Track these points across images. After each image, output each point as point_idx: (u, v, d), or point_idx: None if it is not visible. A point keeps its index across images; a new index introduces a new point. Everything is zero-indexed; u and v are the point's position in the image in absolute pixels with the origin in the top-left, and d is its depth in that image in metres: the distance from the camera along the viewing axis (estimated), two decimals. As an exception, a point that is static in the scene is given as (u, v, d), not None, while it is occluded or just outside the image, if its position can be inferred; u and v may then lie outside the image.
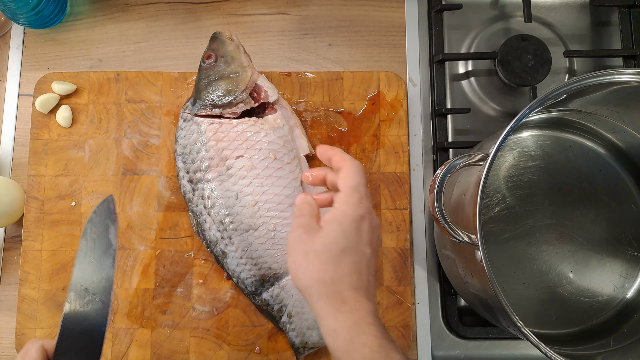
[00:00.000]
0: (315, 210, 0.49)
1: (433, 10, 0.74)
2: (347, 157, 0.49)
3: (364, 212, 0.47)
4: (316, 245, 0.46)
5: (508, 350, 0.67)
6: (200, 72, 0.65)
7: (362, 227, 0.47)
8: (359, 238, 0.46)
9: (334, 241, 0.45)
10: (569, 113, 0.64)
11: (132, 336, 0.65)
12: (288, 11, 0.75)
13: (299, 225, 0.47)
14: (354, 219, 0.46)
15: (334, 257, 0.45)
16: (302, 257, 0.46)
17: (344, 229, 0.46)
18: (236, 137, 0.62)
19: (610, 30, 0.75)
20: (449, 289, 0.68)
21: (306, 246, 0.46)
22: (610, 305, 0.64)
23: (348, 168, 0.48)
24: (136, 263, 0.66)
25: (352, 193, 0.47)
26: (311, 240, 0.46)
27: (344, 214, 0.46)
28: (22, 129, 0.71)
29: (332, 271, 0.45)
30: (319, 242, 0.46)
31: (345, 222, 0.46)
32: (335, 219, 0.47)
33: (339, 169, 0.49)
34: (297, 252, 0.46)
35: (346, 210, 0.46)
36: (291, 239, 0.47)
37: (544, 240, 0.64)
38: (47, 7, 0.69)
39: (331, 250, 0.45)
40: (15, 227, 0.69)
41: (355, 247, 0.46)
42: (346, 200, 0.47)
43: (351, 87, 0.70)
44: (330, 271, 0.45)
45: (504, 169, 0.65)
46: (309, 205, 0.49)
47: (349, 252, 0.46)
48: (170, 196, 0.68)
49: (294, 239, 0.47)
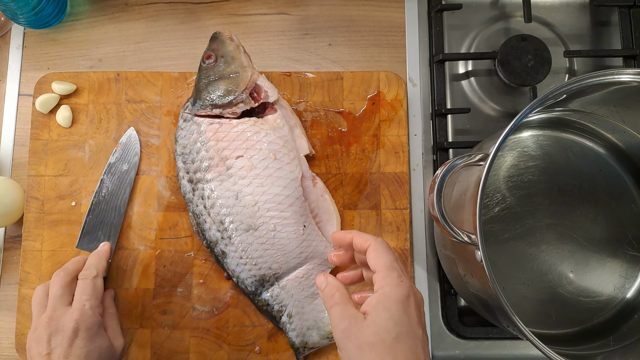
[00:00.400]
0: (346, 293, 0.47)
1: (433, 10, 0.74)
2: (369, 236, 0.48)
3: (407, 290, 0.45)
4: (367, 336, 0.43)
5: (508, 350, 0.67)
6: (200, 72, 0.65)
7: (409, 307, 0.44)
8: (409, 320, 0.44)
9: (385, 329, 0.43)
10: (569, 113, 0.64)
11: (132, 336, 0.65)
12: (288, 11, 0.75)
13: (341, 317, 0.45)
14: (400, 300, 0.44)
15: (389, 347, 0.43)
16: (356, 351, 0.43)
17: (392, 314, 0.44)
18: (236, 137, 0.62)
19: (610, 30, 0.75)
20: (449, 289, 0.68)
21: (357, 339, 0.43)
22: (610, 305, 0.64)
23: (376, 247, 0.47)
24: (136, 263, 0.66)
25: (389, 272, 0.45)
26: (360, 332, 0.44)
27: (388, 298, 0.44)
28: (22, 129, 0.71)
29: None
30: (369, 333, 0.43)
31: (392, 306, 0.44)
32: (380, 304, 0.44)
33: (364, 250, 0.47)
34: (350, 347, 0.44)
35: (389, 293, 0.44)
36: (338, 332, 0.45)
37: (544, 240, 0.64)
38: (47, 7, 0.69)
39: (385, 340, 0.43)
40: (15, 227, 0.69)
41: (408, 331, 0.44)
42: (385, 281, 0.45)
43: (351, 87, 0.70)
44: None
45: (504, 169, 0.65)
46: (337, 289, 0.47)
47: (403, 338, 0.43)
48: (170, 196, 0.68)
49: (342, 332, 0.44)
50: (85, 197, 0.67)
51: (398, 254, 0.67)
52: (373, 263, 0.46)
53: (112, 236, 0.66)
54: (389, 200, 0.68)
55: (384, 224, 0.67)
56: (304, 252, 0.62)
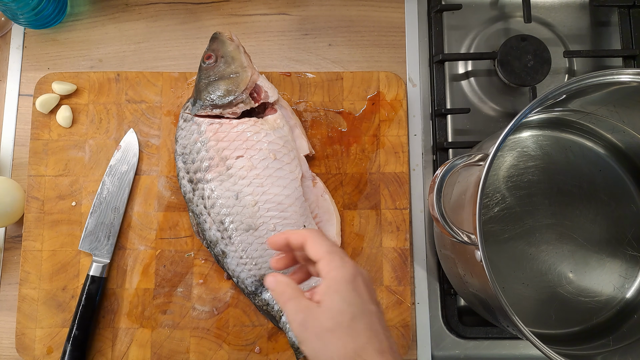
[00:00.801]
0: (298, 288, 0.47)
1: (433, 10, 0.74)
2: (302, 230, 0.48)
3: (353, 270, 0.45)
4: (324, 323, 0.43)
5: (508, 350, 0.67)
6: (201, 73, 0.65)
7: (358, 286, 0.45)
8: (361, 299, 0.44)
9: (339, 312, 0.43)
10: (568, 113, 0.64)
11: (132, 336, 0.65)
12: (288, 11, 0.75)
13: (296, 310, 0.45)
14: (348, 280, 0.44)
15: (347, 328, 0.43)
16: (317, 340, 0.43)
17: (344, 295, 0.44)
18: (236, 137, 0.62)
19: (610, 30, 0.75)
20: (448, 288, 0.68)
21: (315, 328, 0.43)
22: (609, 305, 0.64)
23: (312, 238, 0.47)
24: (136, 263, 0.66)
25: (331, 257, 0.45)
26: (317, 321, 0.44)
27: (336, 281, 0.44)
28: (23, 129, 0.71)
29: (352, 343, 0.42)
30: (326, 319, 0.43)
31: (341, 288, 0.44)
32: (330, 288, 0.44)
33: (302, 243, 0.48)
34: (310, 338, 0.44)
35: (336, 276, 0.44)
36: (296, 326, 0.45)
37: (544, 240, 0.64)
38: (47, 8, 0.69)
39: (342, 323, 0.43)
40: (15, 227, 0.69)
41: (362, 309, 0.44)
42: (330, 266, 0.45)
43: (351, 87, 0.70)
44: (350, 343, 0.42)
45: (503, 169, 0.66)
46: (287, 285, 0.47)
47: (359, 317, 0.43)
48: (170, 196, 0.68)
49: (299, 325, 0.44)
50: (86, 197, 0.68)
51: (398, 254, 0.67)
52: (313, 253, 0.46)
53: (111, 236, 0.66)
54: (388, 200, 0.68)
55: (383, 224, 0.68)
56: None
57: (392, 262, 0.67)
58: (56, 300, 0.66)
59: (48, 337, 0.65)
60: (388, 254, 0.67)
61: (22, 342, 0.65)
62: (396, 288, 0.66)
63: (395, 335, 0.65)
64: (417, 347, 0.67)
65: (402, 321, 0.66)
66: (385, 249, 0.67)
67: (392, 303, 0.66)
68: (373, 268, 0.67)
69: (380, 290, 0.66)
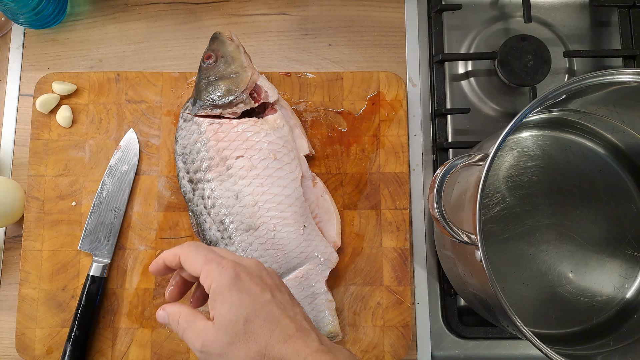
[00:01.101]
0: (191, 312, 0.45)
1: (433, 10, 0.74)
2: (174, 248, 0.46)
3: (232, 270, 0.43)
4: (222, 339, 0.41)
5: (508, 350, 0.67)
6: (201, 73, 0.65)
7: (244, 284, 0.43)
8: (250, 295, 0.43)
9: (232, 322, 0.41)
10: (568, 113, 0.64)
11: (133, 336, 0.65)
12: (288, 11, 0.75)
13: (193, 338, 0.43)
14: (230, 284, 0.42)
15: (245, 334, 0.41)
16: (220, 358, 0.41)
17: (231, 302, 0.42)
18: (236, 137, 0.62)
19: (610, 30, 0.75)
20: (448, 288, 0.68)
21: (216, 349, 0.42)
22: (609, 305, 0.64)
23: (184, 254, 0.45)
24: (136, 263, 0.66)
25: (208, 267, 0.43)
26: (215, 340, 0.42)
27: (219, 290, 0.43)
28: (23, 129, 0.71)
29: (254, 346, 0.41)
30: (222, 335, 0.41)
31: (226, 295, 0.42)
32: (216, 301, 0.42)
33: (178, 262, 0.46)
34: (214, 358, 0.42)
35: (217, 286, 0.43)
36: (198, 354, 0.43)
37: (544, 240, 0.64)
38: (47, 8, 0.69)
39: (237, 332, 0.41)
40: (15, 227, 0.69)
41: (255, 306, 0.42)
42: (209, 277, 0.43)
43: (351, 87, 0.70)
44: (252, 347, 0.41)
45: (503, 169, 0.66)
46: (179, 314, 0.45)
47: (253, 316, 0.42)
48: (170, 196, 0.68)
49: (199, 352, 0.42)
50: (86, 197, 0.68)
51: (398, 253, 0.67)
52: (192, 270, 0.45)
53: (111, 236, 0.66)
54: (388, 200, 0.68)
55: (383, 224, 0.68)
56: (303, 252, 0.62)
57: (392, 262, 0.67)
58: (56, 300, 0.66)
59: (48, 337, 0.65)
60: (388, 254, 0.67)
61: (22, 342, 0.65)
62: (396, 288, 0.66)
63: (395, 335, 0.65)
64: (417, 347, 0.67)
65: (402, 321, 0.66)
66: (385, 249, 0.67)
67: (392, 303, 0.66)
68: (373, 268, 0.67)
69: (380, 290, 0.66)
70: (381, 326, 0.65)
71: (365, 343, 0.65)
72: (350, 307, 0.66)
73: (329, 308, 0.63)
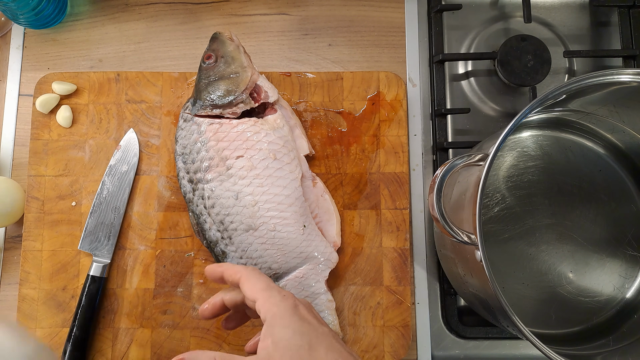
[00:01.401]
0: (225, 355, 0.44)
1: (433, 10, 0.74)
2: (239, 267, 0.47)
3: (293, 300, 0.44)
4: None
5: (508, 350, 0.67)
6: (201, 73, 0.65)
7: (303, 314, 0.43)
8: (311, 325, 0.43)
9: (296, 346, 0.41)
10: (568, 113, 0.64)
11: (132, 336, 0.65)
12: (288, 11, 0.75)
13: None
14: (292, 312, 0.43)
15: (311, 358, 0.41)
16: None
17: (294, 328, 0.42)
18: (236, 137, 0.62)
19: (610, 30, 0.75)
20: (448, 288, 0.68)
21: None
22: (609, 305, 0.64)
23: (245, 276, 0.46)
24: (136, 263, 0.66)
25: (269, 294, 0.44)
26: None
27: (280, 316, 0.43)
28: (23, 129, 0.71)
29: None
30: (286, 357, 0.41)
31: (288, 322, 0.42)
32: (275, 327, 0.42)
33: (236, 281, 0.46)
34: None
35: (278, 312, 0.43)
36: None
37: (544, 240, 0.64)
38: (47, 8, 0.69)
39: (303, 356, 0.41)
40: (15, 227, 0.69)
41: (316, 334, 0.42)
42: (269, 302, 0.43)
43: (351, 87, 0.70)
44: None
45: (503, 169, 0.66)
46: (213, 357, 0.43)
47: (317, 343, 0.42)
48: (170, 196, 0.68)
49: None
50: (86, 197, 0.68)
51: (398, 254, 0.67)
52: (250, 293, 0.45)
53: (112, 236, 0.66)
54: (388, 200, 0.68)
55: (383, 224, 0.68)
56: (304, 252, 0.62)
57: (392, 262, 0.67)
58: (56, 300, 0.66)
59: (48, 337, 0.65)
60: (388, 254, 0.67)
61: (22, 342, 0.65)
62: (396, 288, 0.66)
63: (395, 335, 0.65)
64: (417, 347, 0.67)
65: (402, 321, 0.66)
66: (385, 249, 0.67)
67: (392, 303, 0.66)
68: (373, 268, 0.67)
69: (380, 290, 0.66)
70: (381, 326, 0.65)
71: (365, 343, 0.65)
72: (350, 307, 0.66)
73: (329, 308, 0.63)
